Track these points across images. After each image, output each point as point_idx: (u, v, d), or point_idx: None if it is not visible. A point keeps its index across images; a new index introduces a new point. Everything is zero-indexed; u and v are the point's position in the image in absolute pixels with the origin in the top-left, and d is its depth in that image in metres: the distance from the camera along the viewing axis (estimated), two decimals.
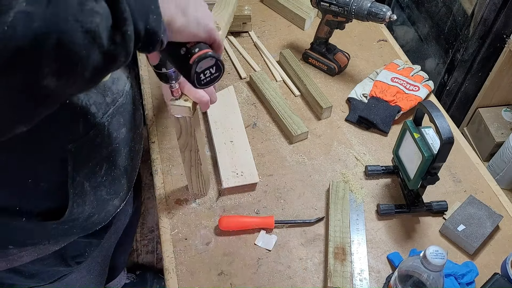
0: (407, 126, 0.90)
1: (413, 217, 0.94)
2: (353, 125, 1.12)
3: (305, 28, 1.39)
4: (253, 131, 1.09)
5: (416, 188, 0.90)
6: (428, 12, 1.84)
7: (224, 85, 1.18)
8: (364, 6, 1.07)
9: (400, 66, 1.22)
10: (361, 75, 1.25)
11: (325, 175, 1.01)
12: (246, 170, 0.98)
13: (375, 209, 0.95)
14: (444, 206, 0.94)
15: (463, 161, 1.06)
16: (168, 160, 1.02)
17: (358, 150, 1.07)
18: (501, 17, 1.42)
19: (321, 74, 1.25)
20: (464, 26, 1.56)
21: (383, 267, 0.86)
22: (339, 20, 1.16)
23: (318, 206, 0.95)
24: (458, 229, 0.89)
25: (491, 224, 0.90)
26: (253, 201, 0.96)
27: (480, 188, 1.00)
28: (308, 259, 0.87)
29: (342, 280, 0.80)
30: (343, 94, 1.19)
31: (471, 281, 0.82)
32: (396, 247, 0.89)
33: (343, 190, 0.95)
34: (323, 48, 1.24)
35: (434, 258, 0.63)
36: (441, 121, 0.78)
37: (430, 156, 0.81)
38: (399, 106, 1.11)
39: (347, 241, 0.86)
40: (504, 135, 1.58)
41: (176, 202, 0.94)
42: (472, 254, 0.88)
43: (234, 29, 1.34)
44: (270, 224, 0.90)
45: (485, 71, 1.58)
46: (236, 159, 1.00)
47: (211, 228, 0.91)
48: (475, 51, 1.54)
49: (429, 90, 1.17)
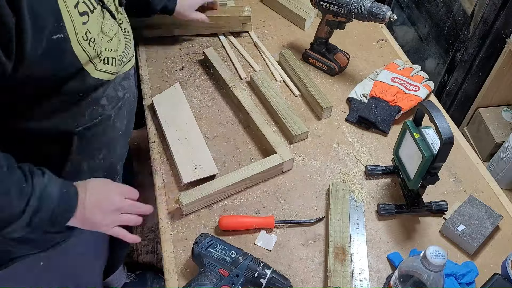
0: (407, 126, 0.90)
1: (413, 217, 0.94)
2: (353, 125, 1.12)
3: (305, 28, 1.39)
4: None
5: (416, 188, 0.90)
6: (428, 12, 1.84)
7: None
8: (364, 6, 1.07)
9: (400, 66, 1.22)
10: (361, 75, 1.25)
11: (325, 175, 1.01)
12: (204, 163, 0.99)
13: (375, 209, 0.95)
14: (444, 206, 0.94)
15: (463, 161, 1.06)
16: (168, 160, 1.02)
17: (358, 150, 1.07)
18: (501, 17, 1.42)
19: (321, 74, 1.25)
20: (464, 26, 1.56)
21: (383, 267, 0.86)
22: (339, 20, 1.16)
23: (318, 206, 0.95)
24: (458, 229, 0.89)
25: (491, 224, 0.90)
26: (253, 201, 0.96)
27: (480, 188, 1.00)
28: (308, 259, 0.87)
29: (342, 280, 0.80)
30: (343, 94, 1.19)
31: (471, 281, 0.82)
32: (396, 247, 0.89)
33: (343, 190, 0.95)
34: (323, 48, 1.24)
35: (434, 258, 0.63)
36: (441, 121, 0.78)
37: (430, 156, 0.81)
38: (399, 106, 1.11)
39: (347, 241, 0.86)
40: (504, 135, 1.58)
41: (176, 202, 0.94)
42: (472, 254, 0.88)
43: (234, 29, 1.34)
44: (270, 224, 0.90)
45: (485, 71, 1.57)
46: (193, 154, 1.01)
47: (211, 228, 0.91)
48: (475, 51, 1.54)
49: (429, 90, 1.17)
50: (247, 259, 0.79)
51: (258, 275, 0.77)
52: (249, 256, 0.81)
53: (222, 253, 0.80)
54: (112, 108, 0.80)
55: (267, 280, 0.77)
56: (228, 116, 1.12)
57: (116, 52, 0.78)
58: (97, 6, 0.71)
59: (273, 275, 0.78)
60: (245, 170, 0.95)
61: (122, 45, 0.82)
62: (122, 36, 0.83)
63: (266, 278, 0.77)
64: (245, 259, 0.80)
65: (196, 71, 1.24)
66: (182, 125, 1.06)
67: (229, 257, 0.80)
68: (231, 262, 0.79)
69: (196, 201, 0.91)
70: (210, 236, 0.83)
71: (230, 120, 1.11)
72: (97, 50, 0.71)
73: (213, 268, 0.79)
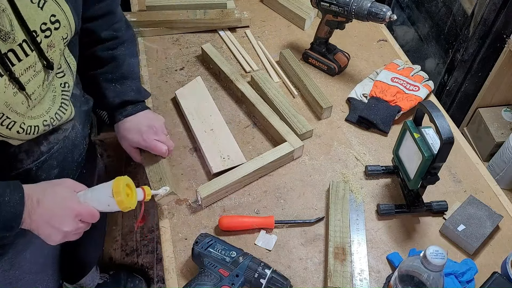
0: (407, 126, 0.90)
1: (413, 217, 0.94)
2: (353, 125, 1.12)
3: (305, 28, 1.39)
4: (253, 131, 1.09)
5: (416, 188, 0.90)
6: (428, 12, 1.84)
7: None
8: (364, 6, 1.07)
9: (400, 66, 1.22)
10: (361, 75, 1.25)
11: (325, 175, 1.01)
12: (232, 154, 1.00)
13: (375, 209, 0.95)
14: (444, 206, 0.94)
15: (463, 161, 1.06)
16: (168, 160, 1.02)
17: (358, 150, 1.07)
18: (501, 17, 1.42)
19: (321, 74, 1.25)
20: (464, 26, 1.56)
21: (383, 267, 0.86)
22: (339, 20, 1.16)
23: (318, 206, 0.95)
24: (458, 229, 0.89)
25: (491, 224, 0.90)
26: (253, 201, 0.96)
27: (480, 188, 1.00)
28: (308, 259, 0.87)
29: (342, 280, 0.80)
30: (343, 94, 1.19)
31: (470, 279, 0.82)
32: (396, 247, 0.89)
33: (343, 190, 0.95)
34: (323, 48, 1.24)
35: (434, 258, 0.63)
36: (441, 121, 0.78)
37: (430, 156, 0.81)
38: (399, 106, 1.11)
39: (347, 241, 0.86)
40: (504, 135, 1.58)
41: (176, 202, 0.94)
42: (472, 254, 0.88)
43: (231, 24, 1.36)
44: (270, 224, 0.90)
45: (485, 71, 1.58)
46: (220, 145, 1.02)
47: (211, 228, 0.91)
48: (475, 51, 1.54)
49: (429, 90, 1.17)
50: (247, 259, 0.79)
51: (258, 275, 0.78)
52: (249, 256, 0.81)
53: (222, 253, 0.80)
54: (32, 162, 0.75)
55: (267, 280, 0.77)
56: (231, 114, 1.13)
57: (41, 117, 0.73)
58: (4, 74, 0.64)
59: (273, 275, 0.78)
60: (258, 160, 0.98)
61: (56, 105, 0.77)
62: (60, 94, 0.77)
63: (266, 278, 0.77)
64: (245, 259, 0.80)
65: (196, 71, 1.24)
66: (207, 117, 1.08)
67: (229, 257, 0.80)
68: (231, 262, 0.79)
69: (214, 193, 0.92)
70: (210, 236, 0.83)
71: (233, 118, 1.12)
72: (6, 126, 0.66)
73: (213, 268, 0.79)
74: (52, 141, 0.78)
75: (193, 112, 1.09)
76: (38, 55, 0.69)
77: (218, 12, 1.34)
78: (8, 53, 0.63)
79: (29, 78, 0.68)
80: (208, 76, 1.22)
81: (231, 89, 1.18)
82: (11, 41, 0.63)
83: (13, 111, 0.67)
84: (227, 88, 1.19)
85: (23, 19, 0.64)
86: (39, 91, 0.71)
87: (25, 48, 0.66)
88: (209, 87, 1.18)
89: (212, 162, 0.99)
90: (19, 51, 0.65)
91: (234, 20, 1.35)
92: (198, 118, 1.08)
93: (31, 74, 0.69)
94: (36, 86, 0.71)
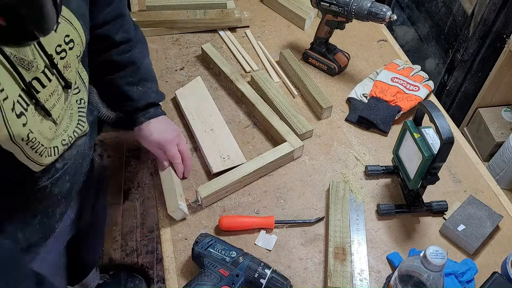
0: (407, 126, 0.90)
1: (413, 217, 0.94)
2: (353, 125, 1.12)
3: (305, 28, 1.39)
4: (253, 131, 1.09)
5: (416, 188, 0.90)
6: (428, 12, 1.84)
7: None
8: (364, 6, 1.07)
9: (400, 66, 1.22)
10: (361, 75, 1.25)
11: (325, 175, 1.01)
12: (232, 154, 1.01)
13: (375, 209, 0.95)
14: (444, 206, 0.94)
15: (463, 161, 1.06)
16: None
17: (358, 150, 1.07)
18: (501, 17, 1.42)
19: (321, 74, 1.25)
20: (464, 26, 1.56)
21: (383, 267, 0.86)
22: (339, 20, 1.16)
23: (318, 206, 0.95)
24: (458, 229, 0.89)
25: (491, 224, 0.90)
26: (253, 201, 0.96)
27: (480, 188, 1.00)
28: (308, 259, 0.87)
29: (342, 280, 0.80)
30: (343, 94, 1.19)
31: (471, 279, 0.82)
32: (396, 247, 0.89)
33: (343, 190, 0.95)
34: (323, 48, 1.24)
35: (434, 258, 0.63)
36: (441, 121, 0.78)
37: (430, 156, 0.81)
38: (399, 106, 1.11)
39: (347, 241, 0.86)
40: (504, 135, 1.58)
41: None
42: (472, 254, 0.88)
43: (231, 24, 1.36)
44: (270, 224, 0.90)
45: (485, 71, 1.58)
46: (220, 145, 1.02)
47: (211, 228, 0.91)
48: (475, 51, 1.54)
49: (429, 90, 1.17)
50: (247, 259, 0.79)
51: (258, 275, 0.78)
52: (249, 256, 0.81)
53: (222, 253, 0.80)
54: (47, 180, 0.75)
55: (267, 280, 0.77)
56: (231, 114, 1.13)
57: (60, 137, 0.73)
58: (30, 103, 0.64)
59: (273, 275, 0.78)
60: (258, 160, 0.98)
61: (74, 122, 0.77)
62: (76, 111, 0.78)
63: (266, 278, 0.77)
64: (245, 259, 0.80)
65: (196, 71, 1.24)
66: (207, 117, 1.08)
67: (229, 257, 0.80)
68: (231, 262, 0.79)
69: (214, 193, 0.92)
70: (210, 236, 0.83)
71: (233, 118, 1.11)
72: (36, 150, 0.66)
73: (213, 268, 0.79)
74: (66, 157, 0.78)
75: (193, 112, 1.09)
76: (58, 78, 0.68)
77: (218, 12, 1.34)
78: (33, 81, 0.63)
79: (54, 103, 0.68)
80: (208, 76, 1.23)
81: (231, 89, 1.18)
82: (35, 69, 0.62)
83: (44, 138, 0.67)
84: (227, 88, 1.19)
85: (41, 45, 0.63)
86: (62, 113, 0.71)
87: (47, 74, 0.65)
88: (209, 87, 1.19)
89: (212, 162, 0.99)
90: (43, 78, 0.64)
91: (234, 20, 1.35)
92: (198, 118, 1.08)
93: (55, 99, 0.68)
94: (60, 109, 0.70)
